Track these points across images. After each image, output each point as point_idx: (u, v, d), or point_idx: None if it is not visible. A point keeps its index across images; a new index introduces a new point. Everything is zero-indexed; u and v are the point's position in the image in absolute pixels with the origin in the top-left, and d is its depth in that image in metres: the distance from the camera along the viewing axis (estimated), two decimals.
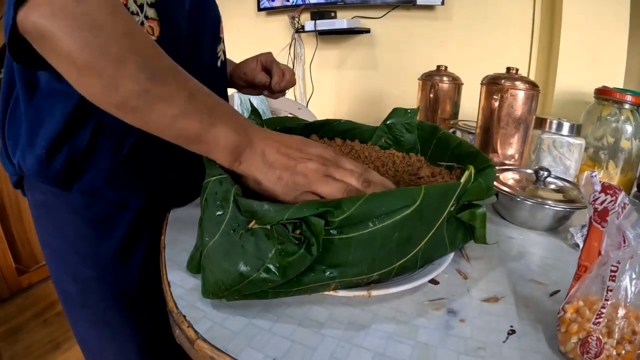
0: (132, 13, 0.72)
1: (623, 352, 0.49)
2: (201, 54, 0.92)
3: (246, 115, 0.76)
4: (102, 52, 0.52)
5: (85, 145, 0.77)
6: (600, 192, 0.53)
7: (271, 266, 0.50)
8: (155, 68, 0.56)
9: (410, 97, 1.73)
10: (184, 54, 0.80)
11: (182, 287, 0.63)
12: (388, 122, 0.92)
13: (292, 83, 1.15)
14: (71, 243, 0.87)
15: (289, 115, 0.97)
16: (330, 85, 2.78)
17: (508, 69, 1.17)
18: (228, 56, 1.11)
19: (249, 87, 1.15)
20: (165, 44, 0.64)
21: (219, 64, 0.98)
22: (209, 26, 0.94)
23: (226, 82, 1.08)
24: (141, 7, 0.74)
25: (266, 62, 1.13)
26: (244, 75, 1.12)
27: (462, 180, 0.61)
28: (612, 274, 0.50)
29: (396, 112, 0.92)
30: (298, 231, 0.51)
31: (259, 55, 1.14)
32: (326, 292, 0.59)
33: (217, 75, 0.99)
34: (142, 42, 0.57)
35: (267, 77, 1.10)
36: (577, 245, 0.82)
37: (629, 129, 1.15)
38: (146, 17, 0.75)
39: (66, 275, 0.90)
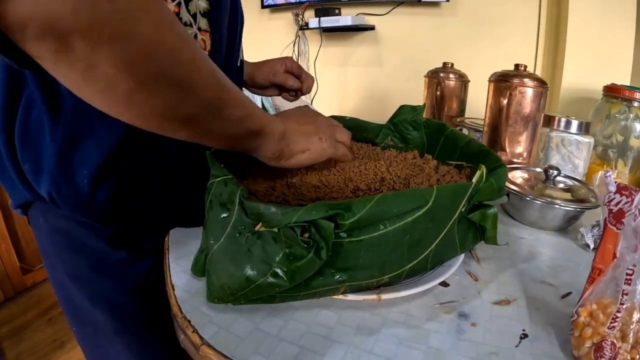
0: (185, 24, 0.70)
1: (638, 356, 0.48)
2: (233, 57, 0.92)
3: None
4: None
5: (136, 172, 0.74)
6: (615, 193, 0.52)
7: (279, 270, 0.49)
8: (220, 76, 0.53)
9: (415, 95, 1.72)
10: (223, 62, 0.84)
11: (186, 290, 0.62)
12: (394, 120, 0.91)
13: (311, 89, 1.20)
14: (103, 270, 0.82)
15: None
16: (335, 82, 2.77)
17: (516, 65, 1.16)
18: None
19: (274, 87, 1.19)
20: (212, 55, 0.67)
21: (238, 62, 0.98)
22: (240, 30, 0.95)
23: (243, 80, 1.07)
24: (194, 16, 0.71)
25: (292, 67, 1.17)
26: (272, 77, 1.16)
27: (474, 180, 0.60)
28: (628, 277, 0.49)
29: (402, 109, 0.91)
30: (307, 234, 0.49)
31: (283, 58, 1.18)
32: (335, 296, 0.58)
33: (238, 74, 0.99)
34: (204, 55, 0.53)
35: (298, 81, 1.17)
36: (588, 246, 0.81)
37: (638, 127, 1.14)
38: (199, 29, 0.73)
39: (96, 304, 0.84)
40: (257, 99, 2.16)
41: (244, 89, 1.27)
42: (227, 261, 0.53)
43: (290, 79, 1.16)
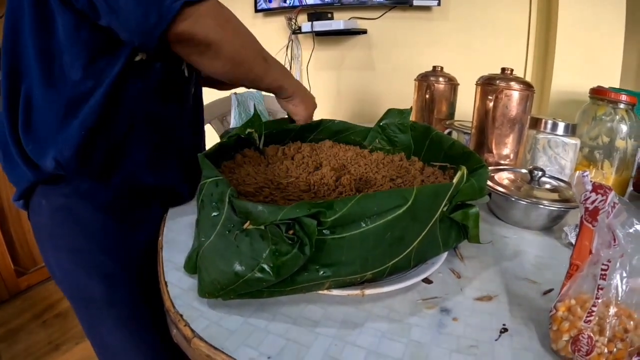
0: None
1: (614, 349, 0.50)
2: None
3: (244, 116, 0.88)
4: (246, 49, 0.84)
5: (125, 131, 0.84)
6: (591, 192, 0.54)
7: (265, 266, 0.51)
8: (265, 56, 0.90)
9: (407, 98, 1.73)
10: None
11: (179, 287, 0.64)
12: (382, 122, 0.93)
13: None
14: (98, 241, 0.89)
15: (286, 117, 0.99)
16: (328, 86, 2.79)
17: (503, 69, 1.17)
18: None
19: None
20: None
21: None
22: None
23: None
24: None
25: None
26: None
27: (455, 180, 0.62)
28: (603, 272, 0.51)
29: (390, 113, 0.93)
30: (291, 231, 0.51)
31: None
32: (320, 291, 0.60)
33: None
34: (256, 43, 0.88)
35: None
36: (571, 244, 0.83)
37: (623, 128, 1.16)
38: None
39: (89, 277, 0.90)
40: (251, 104, 2.17)
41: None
42: (217, 257, 0.55)
43: None
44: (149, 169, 0.90)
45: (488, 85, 1.16)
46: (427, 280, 0.68)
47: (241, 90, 2.03)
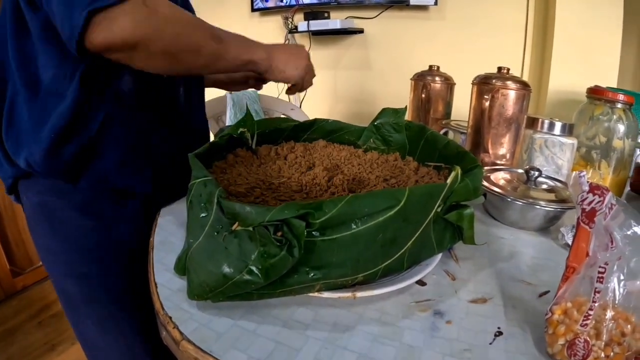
0: None
1: (611, 354, 0.49)
2: None
3: (239, 116, 0.87)
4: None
5: (94, 135, 0.82)
6: (588, 193, 0.53)
7: (254, 268, 0.50)
8: (217, 34, 0.82)
9: (403, 97, 1.73)
10: None
11: (169, 288, 0.63)
12: (376, 122, 0.92)
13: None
14: (72, 241, 0.88)
15: (282, 116, 0.98)
16: (324, 85, 2.78)
17: (499, 68, 1.16)
18: None
19: (248, 81, 1.25)
20: None
21: None
22: None
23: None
24: None
25: None
26: None
27: (449, 181, 0.61)
28: (600, 275, 0.50)
29: (385, 112, 0.92)
30: (280, 233, 0.50)
31: None
32: (311, 294, 0.59)
33: None
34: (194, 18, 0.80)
35: None
36: (568, 245, 0.82)
37: (621, 128, 1.15)
38: None
39: (68, 276, 0.90)
40: (249, 101, 2.16)
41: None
42: (205, 259, 0.54)
43: None
44: (120, 173, 0.88)
45: (484, 84, 1.15)
46: (420, 282, 0.67)
47: None
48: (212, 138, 1.24)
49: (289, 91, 1.08)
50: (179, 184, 0.89)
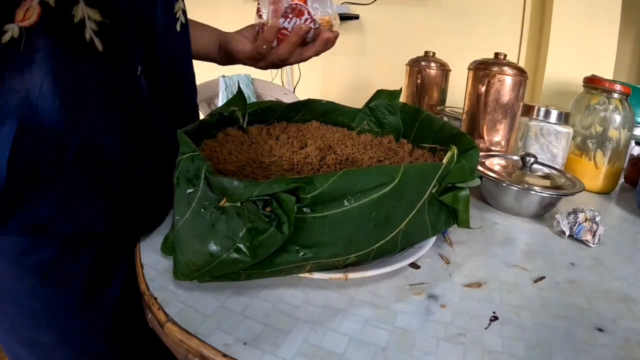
0: None
1: None
2: (153, 13, 0.73)
3: None
4: None
5: (6, 165, 0.56)
6: None
7: (242, 246, 0.48)
8: None
9: (398, 84, 1.70)
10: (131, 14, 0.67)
11: (155, 269, 0.61)
12: (371, 104, 0.90)
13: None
14: (15, 302, 0.68)
15: (274, 100, 0.94)
16: (318, 71, 2.76)
17: (496, 54, 1.15)
18: None
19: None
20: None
21: (178, 27, 0.80)
22: None
23: (190, 49, 0.87)
24: None
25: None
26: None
27: (445, 160, 0.59)
28: None
29: (379, 94, 0.90)
30: (268, 208, 0.48)
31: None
32: (301, 275, 0.57)
33: (176, 40, 0.80)
34: None
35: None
36: (563, 233, 0.81)
37: (617, 118, 1.14)
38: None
39: (16, 342, 0.72)
40: (241, 85, 2.14)
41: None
42: (191, 237, 0.52)
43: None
44: (61, 215, 0.63)
45: (481, 69, 1.14)
46: (414, 265, 0.65)
47: (229, 73, 2.00)
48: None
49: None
50: (145, 217, 0.74)
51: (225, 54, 1.02)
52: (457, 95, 1.45)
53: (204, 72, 1.22)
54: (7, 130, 0.55)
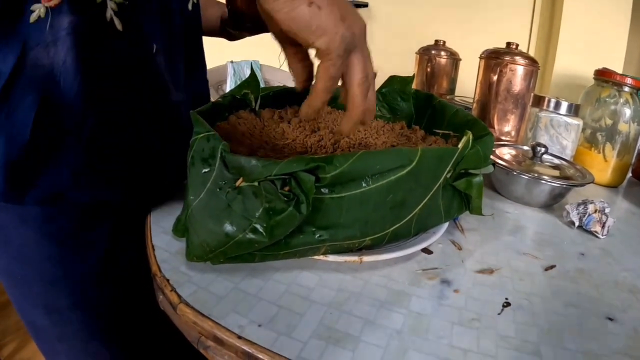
0: None
1: None
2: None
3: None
4: None
5: (29, 136, 0.59)
6: None
7: (258, 226, 0.48)
8: None
9: (407, 72, 1.70)
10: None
11: (167, 250, 0.61)
12: (383, 90, 0.89)
13: None
14: (35, 268, 0.71)
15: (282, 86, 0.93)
16: None
17: (508, 43, 1.15)
18: None
19: None
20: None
21: (190, 5, 0.80)
22: None
23: (201, 27, 0.87)
24: None
25: None
26: None
27: (460, 145, 0.58)
28: None
29: (392, 80, 0.89)
30: (287, 188, 0.48)
31: None
32: (316, 257, 0.57)
33: (189, 18, 0.81)
34: None
35: None
36: (573, 223, 0.81)
37: (627, 112, 1.13)
38: None
39: (34, 307, 0.75)
40: (248, 71, 2.14)
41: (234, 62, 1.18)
42: (206, 217, 0.52)
43: None
44: (78, 185, 0.65)
45: (492, 58, 1.13)
46: (427, 251, 0.65)
47: (238, 58, 1.99)
48: None
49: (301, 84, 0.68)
50: (159, 188, 0.77)
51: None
52: (467, 84, 1.45)
53: (212, 57, 1.21)
54: (34, 98, 0.58)
